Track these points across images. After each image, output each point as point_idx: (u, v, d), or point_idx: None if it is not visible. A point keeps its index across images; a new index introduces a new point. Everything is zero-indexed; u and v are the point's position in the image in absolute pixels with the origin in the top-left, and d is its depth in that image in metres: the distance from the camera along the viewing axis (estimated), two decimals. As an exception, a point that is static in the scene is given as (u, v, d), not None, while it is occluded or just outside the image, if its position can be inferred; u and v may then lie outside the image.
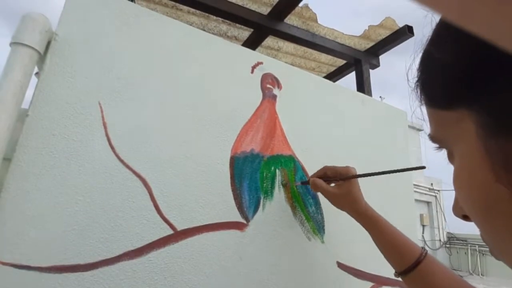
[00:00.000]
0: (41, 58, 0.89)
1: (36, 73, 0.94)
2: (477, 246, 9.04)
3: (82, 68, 0.93)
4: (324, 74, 2.83)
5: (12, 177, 0.78)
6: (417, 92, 0.36)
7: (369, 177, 1.45)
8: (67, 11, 0.95)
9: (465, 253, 9.21)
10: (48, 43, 0.90)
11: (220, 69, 1.18)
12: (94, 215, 0.84)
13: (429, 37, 0.32)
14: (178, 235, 0.94)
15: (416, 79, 0.35)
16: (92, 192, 0.85)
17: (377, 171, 1.49)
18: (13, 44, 0.84)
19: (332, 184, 1.10)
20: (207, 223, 1.00)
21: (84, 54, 0.94)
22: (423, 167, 1.02)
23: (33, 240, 0.77)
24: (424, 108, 0.37)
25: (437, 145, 0.39)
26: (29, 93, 0.88)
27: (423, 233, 9.42)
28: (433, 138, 0.38)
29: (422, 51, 0.33)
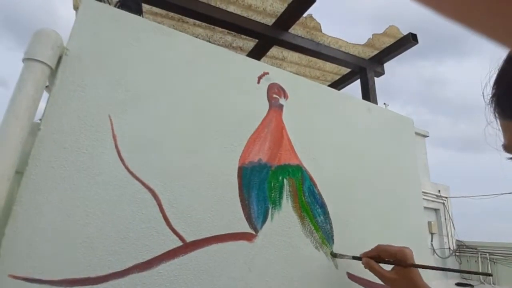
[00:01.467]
0: (53, 72, 0.91)
1: (47, 86, 0.96)
2: (487, 254, 8.84)
3: (92, 82, 0.95)
4: (329, 83, 2.84)
5: (24, 190, 0.79)
6: (491, 106, 0.40)
7: (375, 183, 1.44)
8: (78, 26, 0.97)
9: (476, 261, 9.01)
10: (59, 58, 0.92)
11: (227, 80, 1.19)
12: (104, 227, 0.85)
13: (505, 57, 0.36)
14: (187, 247, 0.94)
15: (491, 94, 0.39)
16: (102, 204, 0.86)
17: (385, 178, 1.48)
18: (26, 60, 0.86)
19: (382, 264, 1.05)
20: (216, 234, 1.00)
21: (94, 68, 0.96)
22: (490, 274, 1.06)
23: (45, 253, 0.78)
24: (499, 121, 0.41)
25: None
26: (41, 106, 0.89)
27: (432, 241, 9.27)
28: (507, 147, 0.41)
29: (498, 70, 0.37)
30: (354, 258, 1.16)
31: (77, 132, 0.88)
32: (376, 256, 1.06)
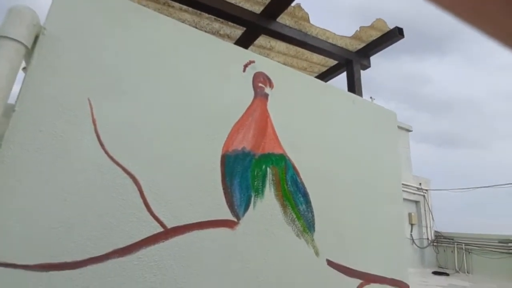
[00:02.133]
0: (29, 52, 0.87)
1: (24, 68, 0.92)
2: (463, 244, 9.21)
3: (71, 64, 0.91)
4: (316, 74, 2.84)
5: (-3, 174, 0.77)
6: None
7: (356, 173, 1.46)
8: (56, 5, 0.93)
9: (452, 251, 9.38)
10: (36, 38, 0.88)
11: (212, 67, 1.18)
12: (82, 212, 0.83)
13: None
14: (168, 233, 0.94)
15: None
16: (81, 189, 0.84)
17: (366, 169, 1.51)
18: (0, 38, 0.82)
19: None
20: (198, 221, 1.00)
21: (73, 50, 0.93)
22: None
23: (19, 237, 0.76)
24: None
25: None
26: (16, 88, 0.86)
27: (411, 231, 9.57)
28: None
29: None
30: None
31: (54, 115, 0.85)
32: None
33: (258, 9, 1.97)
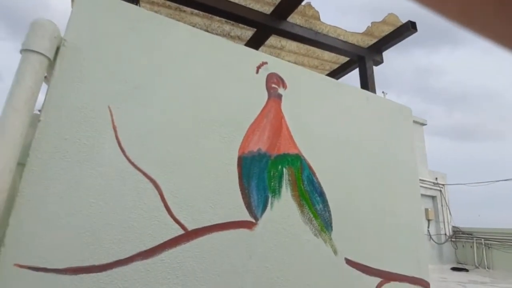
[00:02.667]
0: (51, 64, 0.90)
1: (45, 77, 0.96)
2: (483, 239, 8.98)
3: (90, 73, 0.94)
4: (327, 72, 2.82)
5: (26, 182, 0.80)
6: None
7: (372, 171, 1.45)
8: (75, 16, 0.96)
9: (471, 246, 9.17)
10: (57, 49, 0.91)
11: (226, 70, 1.19)
12: (107, 217, 0.86)
13: None
14: (189, 235, 0.96)
15: None
16: (104, 194, 0.87)
17: (382, 166, 1.50)
18: (24, 51, 0.85)
19: None
20: (217, 222, 1.01)
21: (92, 59, 0.96)
22: None
23: (49, 243, 0.79)
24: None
25: None
26: (40, 97, 0.89)
27: (428, 227, 9.41)
28: None
29: None
30: None
31: (77, 123, 0.89)
32: None
33: (268, 9, 1.97)
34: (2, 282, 0.72)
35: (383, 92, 11.01)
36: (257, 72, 1.26)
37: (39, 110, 0.90)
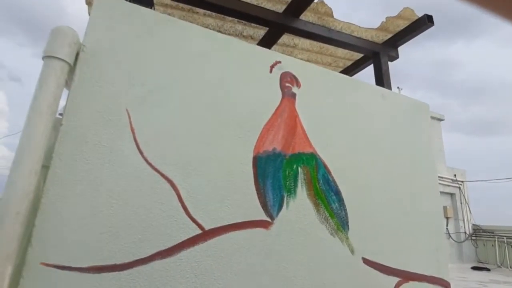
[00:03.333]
0: (71, 69, 0.93)
1: (66, 82, 0.99)
2: (505, 238, 8.69)
3: (109, 77, 0.97)
4: (341, 69, 2.79)
5: (50, 183, 0.83)
6: None
7: (390, 170, 1.43)
8: (93, 22, 0.99)
9: (493, 245, 8.89)
10: (77, 55, 0.94)
11: (240, 70, 1.20)
12: (127, 217, 0.88)
13: None
14: (207, 234, 0.97)
15: None
16: (125, 195, 0.89)
17: (400, 164, 1.48)
18: (46, 57, 0.88)
19: None
20: (233, 222, 1.02)
21: (110, 63, 0.98)
22: None
23: (73, 242, 0.82)
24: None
25: None
26: (61, 101, 0.92)
27: (447, 225, 9.18)
28: None
29: None
30: None
31: (97, 126, 0.91)
32: None
33: (280, 8, 1.96)
34: (30, 280, 0.76)
35: (398, 87, 10.81)
36: (270, 71, 1.26)
37: (60, 114, 0.93)
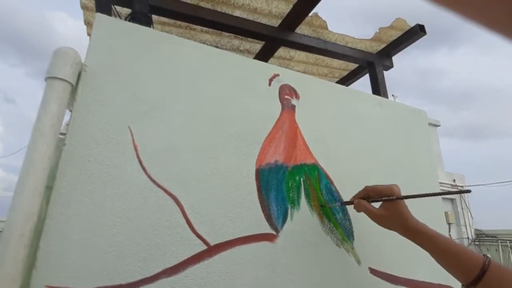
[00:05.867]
0: (73, 89, 0.94)
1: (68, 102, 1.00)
2: (508, 242, 8.65)
3: (110, 96, 0.98)
4: (337, 79, 2.83)
5: (54, 204, 0.83)
6: None
7: (391, 178, 1.44)
8: (94, 43, 1.01)
9: (496, 250, 8.85)
10: (79, 75, 0.95)
11: (239, 84, 1.21)
12: (131, 235, 0.88)
13: None
14: (212, 250, 0.96)
15: None
16: (129, 213, 0.89)
17: (401, 172, 1.48)
18: (48, 78, 0.89)
19: (374, 204, 1.05)
20: (238, 236, 1.02)
21: (111, 82, 1.00)
22: (469, 191, 1.05)
23: (77, 263, 0.81)
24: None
25: None
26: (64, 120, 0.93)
27: (449, 231, 9.14)
28: None
29: None
30: (345, 203, 1.20)
31: (100, 145, 0.91)
32: (365, 197, 1.06)
33: (276, 22, 2.00)
34: (36, 304, 0.74)
35: (393, 95, 10.91)
36: (269, 84, 1.28)
37: (61, 133, 0.93)
